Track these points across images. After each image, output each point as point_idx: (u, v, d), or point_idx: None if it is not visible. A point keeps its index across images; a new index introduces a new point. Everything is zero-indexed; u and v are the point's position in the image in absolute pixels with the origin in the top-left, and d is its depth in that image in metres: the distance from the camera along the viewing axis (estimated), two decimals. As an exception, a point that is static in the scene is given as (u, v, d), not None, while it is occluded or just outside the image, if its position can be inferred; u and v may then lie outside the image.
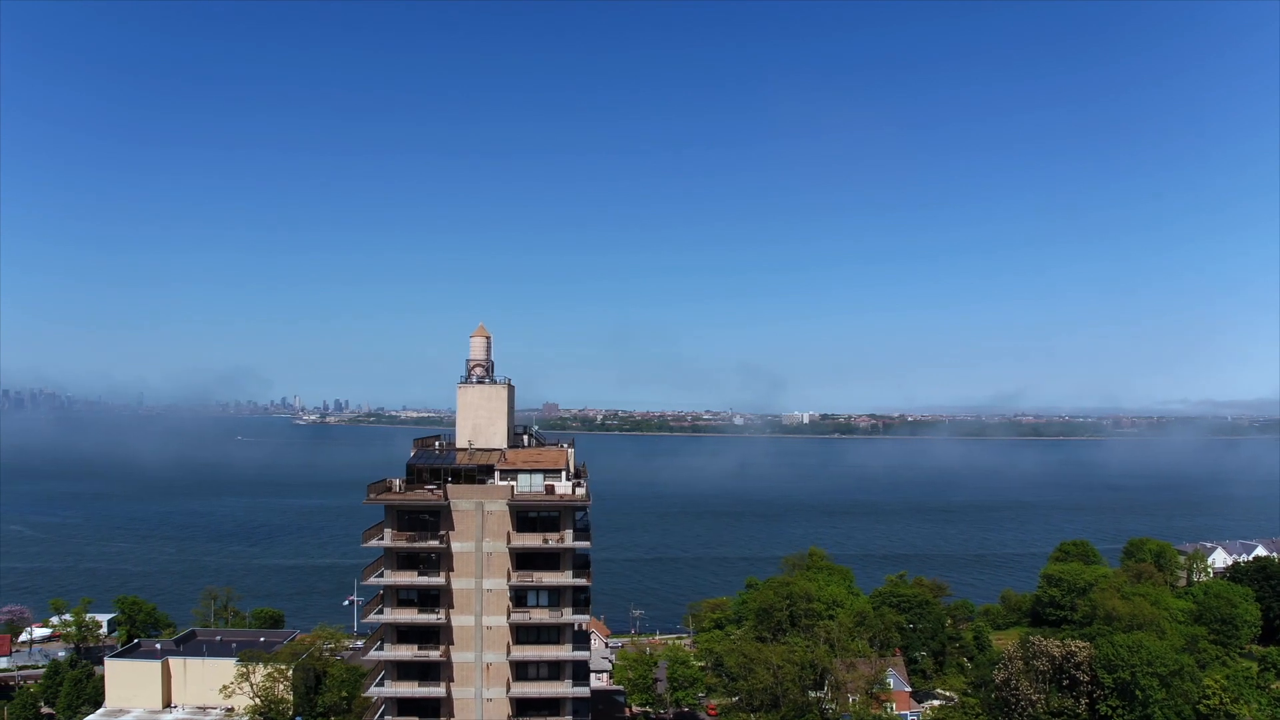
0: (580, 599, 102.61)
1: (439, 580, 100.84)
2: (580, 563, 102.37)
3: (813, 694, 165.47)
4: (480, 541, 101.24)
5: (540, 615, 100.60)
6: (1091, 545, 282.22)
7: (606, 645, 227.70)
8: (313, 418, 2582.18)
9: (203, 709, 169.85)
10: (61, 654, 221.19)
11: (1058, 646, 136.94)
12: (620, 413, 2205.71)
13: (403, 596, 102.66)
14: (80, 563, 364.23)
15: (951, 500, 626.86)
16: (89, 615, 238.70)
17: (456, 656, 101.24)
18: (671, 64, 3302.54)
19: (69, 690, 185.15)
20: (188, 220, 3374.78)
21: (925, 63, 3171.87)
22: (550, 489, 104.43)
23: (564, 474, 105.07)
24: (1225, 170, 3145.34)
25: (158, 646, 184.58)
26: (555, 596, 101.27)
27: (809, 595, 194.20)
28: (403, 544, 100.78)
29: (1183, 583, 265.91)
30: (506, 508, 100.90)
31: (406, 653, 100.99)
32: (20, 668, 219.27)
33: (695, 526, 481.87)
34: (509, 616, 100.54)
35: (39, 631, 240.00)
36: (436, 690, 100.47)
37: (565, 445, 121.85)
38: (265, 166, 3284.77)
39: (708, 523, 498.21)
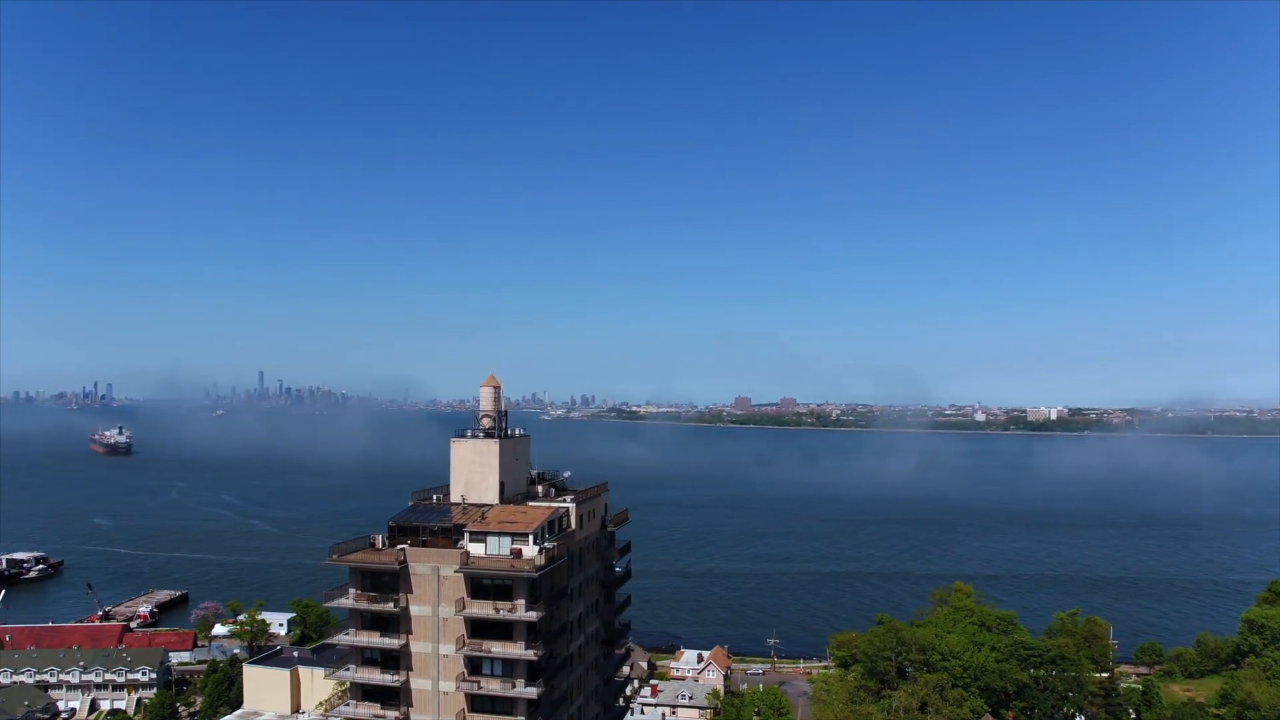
0: (534, 671, 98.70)
1: (398, 642, 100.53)
2: (534, 633, 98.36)
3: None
4: (437, 606, 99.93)
5: (491, 686, 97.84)
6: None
7: (726, 676, 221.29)
8: (559, 413, 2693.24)
9: (325, 716, 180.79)
10: (237, 650, 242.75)
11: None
12: (859, 407, 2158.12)
13: (367, 656, 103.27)
14: (295, 559, 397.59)
15: (1170, 512, 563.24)
16: (263, 615, 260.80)
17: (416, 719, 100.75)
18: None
19: (211, 691, 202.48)
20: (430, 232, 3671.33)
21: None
22: (518, 553, 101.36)
23: (533, 537, 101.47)
24: None
25: (295, 654, 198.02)
26: (509, 667, 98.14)
27: (922, 645, 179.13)
28: (363, 605, 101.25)
29: None
30: (460, 573, 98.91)
31: (366, 712, 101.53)
32: (199, 662, 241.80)
33: (880, 537, 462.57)
34: (457, 686, 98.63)
35: (220, 629, 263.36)
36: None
37: (569, 500, 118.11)
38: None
39: (895, 532, 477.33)
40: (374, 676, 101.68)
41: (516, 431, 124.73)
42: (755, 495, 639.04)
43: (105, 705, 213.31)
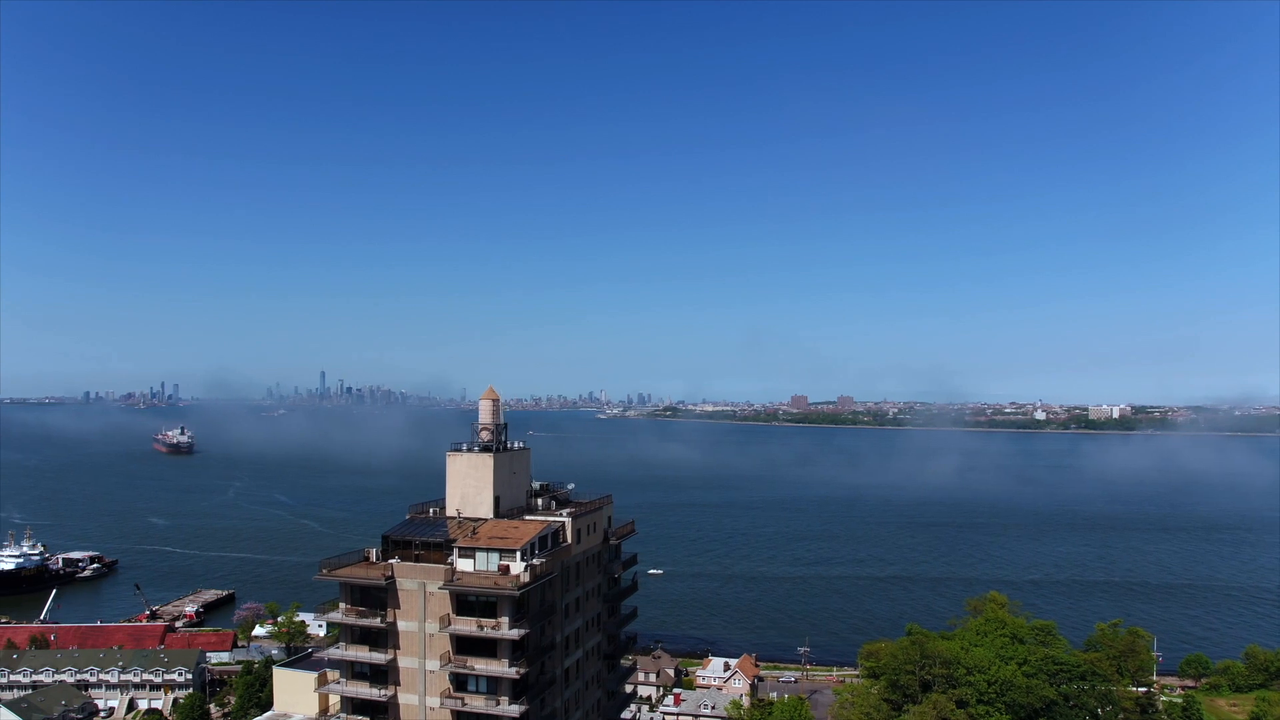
0: (519, 689, 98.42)
1: (385, 657, 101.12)
2: (519, 651, 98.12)
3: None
4: (423, 622, 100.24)
5: (476, 703, 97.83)
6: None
7: (753, 685, 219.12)
8: (615, 411, 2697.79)
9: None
10: (274, 652, 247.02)
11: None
12: (916, 405, 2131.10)
13: (357, 670, 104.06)
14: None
15: (1226, 516, 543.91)
16: (301, 616, 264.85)
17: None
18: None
19: (242, 692, 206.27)
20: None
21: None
22: (505, 569, 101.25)
23: (520, 553, 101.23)
24: None
25: (324, 657, 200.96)
26: (493, 685, 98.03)
27: (945, 658, 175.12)
28: (352, 620, 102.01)
29: None
30: (444, 589, 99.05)
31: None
32: (238, 662, 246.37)
33: (927, 539, 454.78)
34: (442, 702, 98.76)
35: (260, 630, 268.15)
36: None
37: (565, 514, 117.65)
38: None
39: (942, 535, 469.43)
40: (362, 690, 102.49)
41: (516, 444, 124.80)
42: (801, 496, 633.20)
43: (143, 705, 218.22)
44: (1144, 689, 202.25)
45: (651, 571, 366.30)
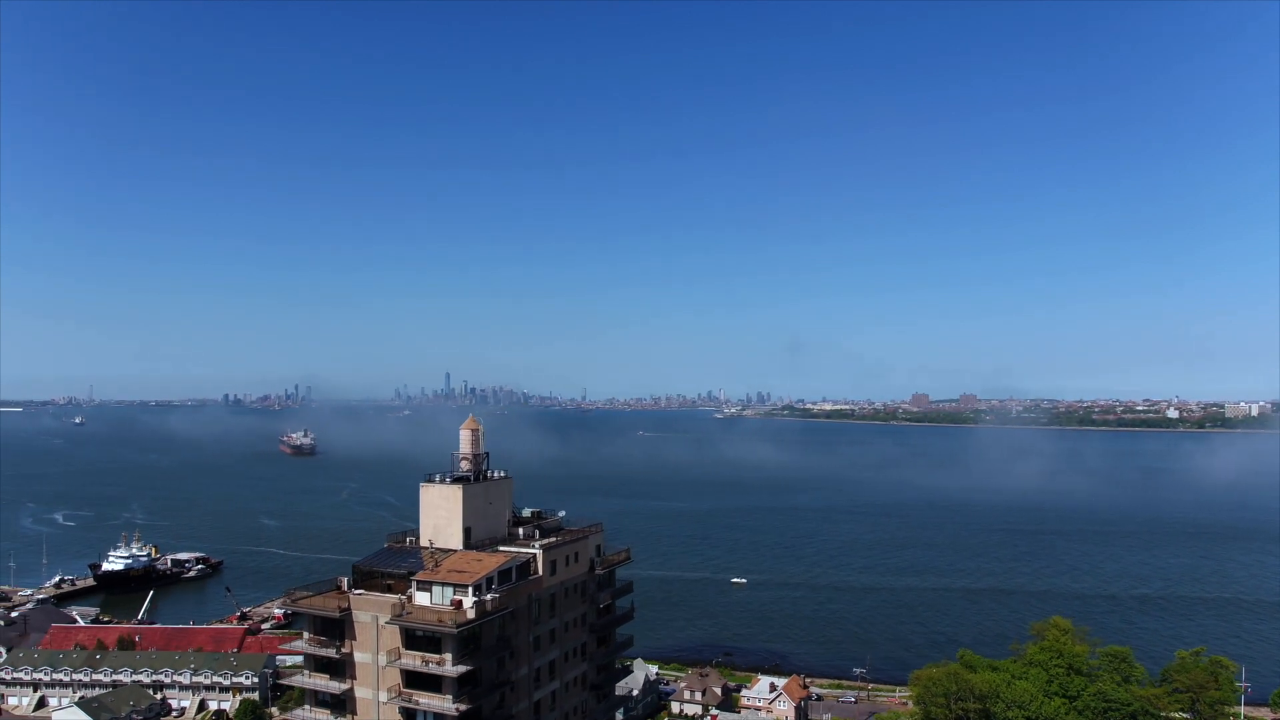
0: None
1: (343, 687, 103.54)
2: (469, 685, 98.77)
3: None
4: (376, 655, 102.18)
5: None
6: None
7: (798, 708, 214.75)
8: (733, 411, 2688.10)
9: None
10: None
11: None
12: (1044, 402, 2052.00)
13: (320, 698, 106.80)
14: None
15: None
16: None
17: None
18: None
19: (298, 695, 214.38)
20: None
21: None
22: (458, 604, 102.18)
23: (473, 588, 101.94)
24: None
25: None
26: None
27: (979, 692, 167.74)
28: (312, 649, 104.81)
29: None
30: (391, 624, 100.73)
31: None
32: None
33: (1032, 549, 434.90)
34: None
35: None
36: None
37: (538, 545, 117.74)
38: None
39: (1047, 544, 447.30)
40: (321, 718, 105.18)
41: (496, 474, 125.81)
42: (906, 501, 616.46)
43: (213, 705, 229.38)
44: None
45: (735, 580, 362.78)
